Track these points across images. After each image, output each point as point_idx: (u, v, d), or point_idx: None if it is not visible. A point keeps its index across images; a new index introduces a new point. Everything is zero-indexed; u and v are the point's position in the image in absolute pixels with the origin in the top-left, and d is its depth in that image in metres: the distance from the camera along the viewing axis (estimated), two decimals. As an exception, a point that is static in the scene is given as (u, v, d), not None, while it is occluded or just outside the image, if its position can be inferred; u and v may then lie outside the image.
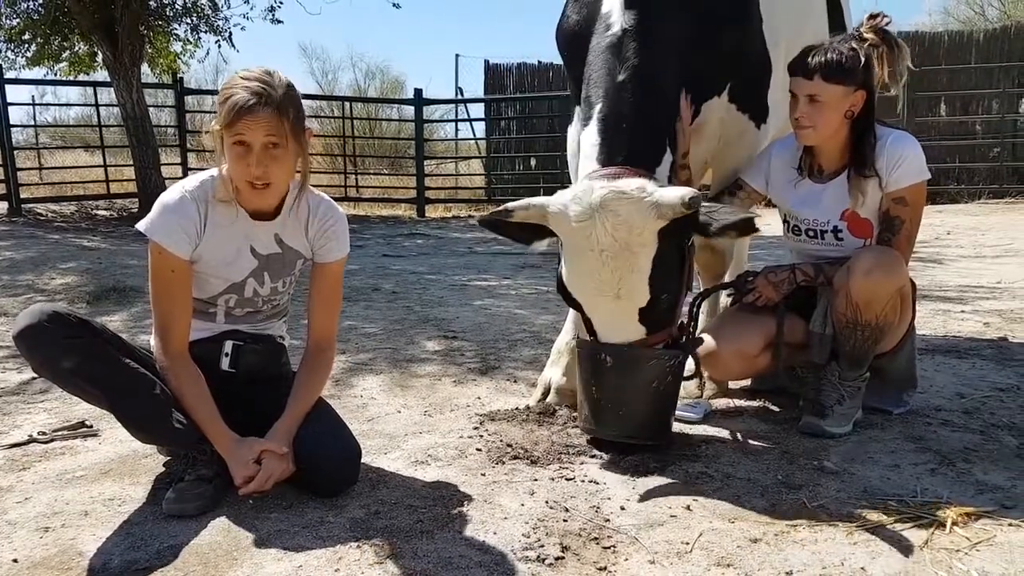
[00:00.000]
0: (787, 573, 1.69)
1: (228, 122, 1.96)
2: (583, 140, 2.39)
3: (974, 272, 6.00)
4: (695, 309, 2.71)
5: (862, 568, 1.70)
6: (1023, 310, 4.47)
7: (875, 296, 2.43)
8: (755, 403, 2.85)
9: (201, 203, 2.09)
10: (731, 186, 2.80)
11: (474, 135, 15.72)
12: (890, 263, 2.45)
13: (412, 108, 12.50)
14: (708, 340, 2.66)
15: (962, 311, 4.48)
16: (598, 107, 2.36)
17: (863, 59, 2.48)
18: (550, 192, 2.38)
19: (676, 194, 2.13)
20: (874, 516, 1.94)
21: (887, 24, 2.59)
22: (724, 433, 2.56)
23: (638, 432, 2.36)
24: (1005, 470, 2.22)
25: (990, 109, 12.53)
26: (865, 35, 2.57)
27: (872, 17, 2.60)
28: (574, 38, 2.60)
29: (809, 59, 2.48)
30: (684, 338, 2.43)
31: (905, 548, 1.78)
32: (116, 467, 2.31)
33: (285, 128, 1.98)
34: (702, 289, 2.98)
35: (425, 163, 12.42)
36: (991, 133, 12.42)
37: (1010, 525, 1.88)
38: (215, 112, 2.04)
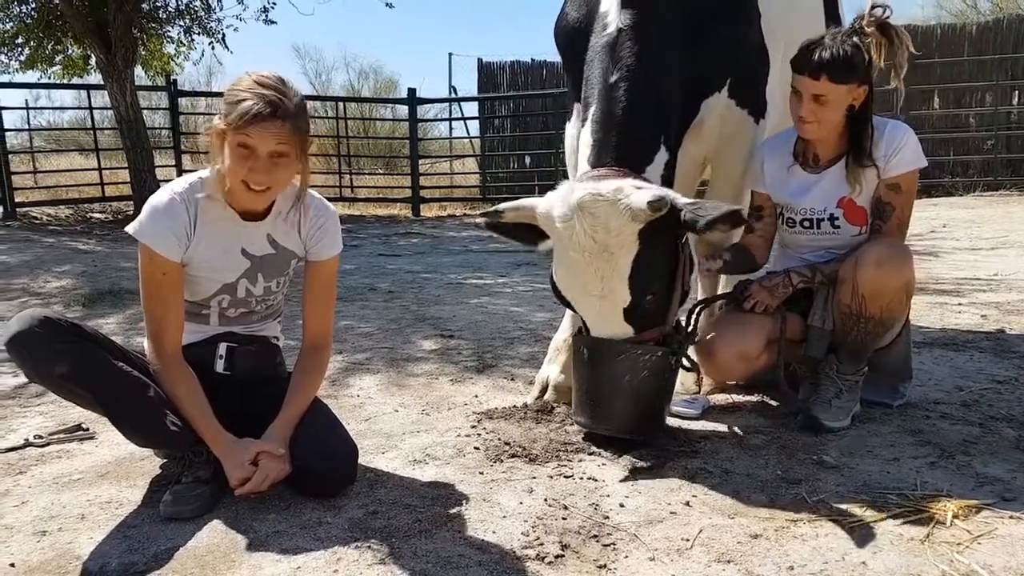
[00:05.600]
0: (788, 568, 1.68)
1: (237, 125, 1.94)
2: (581, 141, 2.39)
3: (970, 265, 5.99)
4: (694, 317, 2.68)
5: (863, 563, 1.70)
6: (1020, 302, 4.46)
7: (883, 288, 2.42)
8: (753, 398, 2.85)
9: (191, 205, 2.08)
10: (750, 211, 2.76)
11: (468, 134, 15.68)
12: (901, 257, 2.44)
13: (406, 107, 12.47)
14: (707, 342, 2.65)
15: (959, 304, 4.48)
16: (593, 108, 2.37)
17: (867, 56, 2.46)
18: (544, 190, 2.37)
19: (643, 196, 2.11)
20: (874, 510, 1.93)
21: (887, 17, 2.54)
22: (722, 428, 2.55)
23: (612, 425, 2.35)
24: (1004, 462, 2.22)
25: (983, 102, 12.53)
26: (866, 29, 2.52)
27: (873, 10, 2.54)
28: (573, 36, 2.60)
29: (814, 57, 2.43)
30: (678, 337, 2.39)
31: (906, 542, 1.78)
32: (113, 470, 2.29)
33: (295, 140, 2.00)
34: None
35: (420, 162, 12.40)
36: (985, 126, 12.42)
37: (1011, 518, 1.88)
38: (211, 112, 2.01)
